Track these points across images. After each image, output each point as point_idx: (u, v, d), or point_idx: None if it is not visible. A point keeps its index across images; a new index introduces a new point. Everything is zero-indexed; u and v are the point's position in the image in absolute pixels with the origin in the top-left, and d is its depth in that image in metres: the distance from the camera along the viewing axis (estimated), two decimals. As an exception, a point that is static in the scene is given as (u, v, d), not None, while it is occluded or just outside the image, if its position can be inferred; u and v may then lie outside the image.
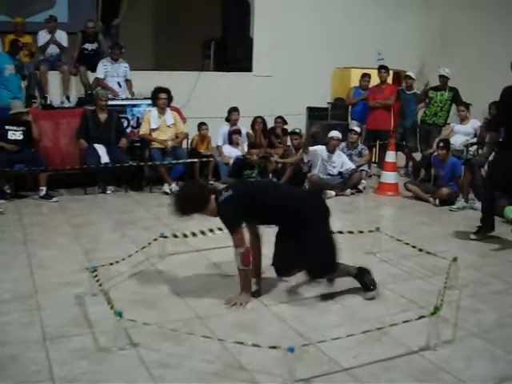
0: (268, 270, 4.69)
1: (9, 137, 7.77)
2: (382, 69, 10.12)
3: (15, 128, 7.80)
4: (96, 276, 4.41)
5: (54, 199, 7.73)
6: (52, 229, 6.52)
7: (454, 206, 7.58)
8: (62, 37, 9.47)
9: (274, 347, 3.34)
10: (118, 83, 9.29)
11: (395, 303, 4.52)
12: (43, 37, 9.30)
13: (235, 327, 4.01)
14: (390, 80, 10.67)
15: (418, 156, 9.76)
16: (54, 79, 9.34)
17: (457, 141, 8.72)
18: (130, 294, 4.58)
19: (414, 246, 5.35)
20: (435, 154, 8.26)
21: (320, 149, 8.59)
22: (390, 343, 3.80)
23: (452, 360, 3.60)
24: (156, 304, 4.42)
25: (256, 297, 4.53)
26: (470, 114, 9.04)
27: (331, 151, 8.54)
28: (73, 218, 6.93)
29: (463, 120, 8.96)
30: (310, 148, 8.49)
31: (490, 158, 6.50)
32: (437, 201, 7.85)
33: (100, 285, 4.34)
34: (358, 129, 9.37)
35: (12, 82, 8.57)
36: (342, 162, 8.58)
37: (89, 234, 6.33)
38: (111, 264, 4.91)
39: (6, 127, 7.78)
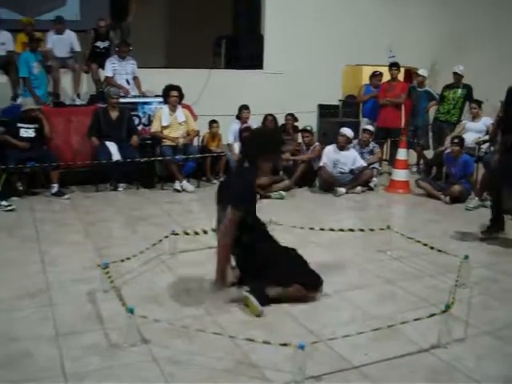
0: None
1: (21, 134, 7.81)
2: (393, 66, 10.08)
3: (27, 125, 7.85)
4: (107, 273, 4.43)
5: (66, 196, 7.77)
6: (64, 226, 6.56)
7: (471, 205, 7.52)
8: (71, 37, 9.49)
9: (284, 344, 3.34)
10: (127, 80, 9.32)
11: (406, 301, 4.51)
12: (51, 38, 9.31)
13: (246, 324, 4.02)
14: (401, 77, 10.63)
15: (429, 154, 9.73)
16: (65, 77, 9.38)
17: (469, 138, 8.67)
18: (142, 290, 4.60)
19: (425, 244, 5.34)
20: (448, 151, 8.23)
21: (328, 149, 8.59)
22: (400, 341, 3.80)
23: (463, 358, 3.59)
24: (167, 301, 4.44)
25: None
26: (482, 111, 9.00)
27: (341, 148, 8.53)
28: (84, 215, 6.96)
29: (475, 117, 8.91)
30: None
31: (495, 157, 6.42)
32: (447, 198, 7.82)
33: (111, 281, 4.35)
34: (371, 128, 9.35)
35: (40, 79, 8.67)
36: (353, 159, 8.56)
37: (100, 231, 6.36)
38: (122, 261, 4.93)
39: (18, 125, 7.83)
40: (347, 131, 8.61)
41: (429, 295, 4.58)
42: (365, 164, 8.61)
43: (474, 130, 8.81)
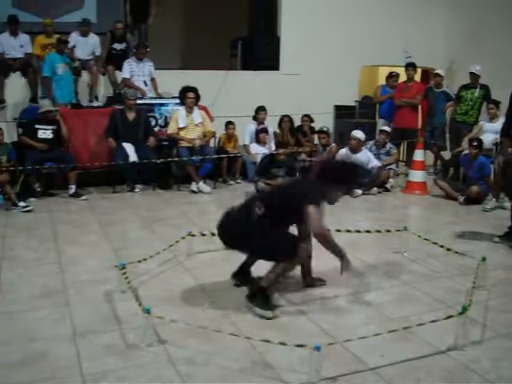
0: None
1: (39, 135, 7.89)
2: (410, 66, 10.02)
3: (45, 127, 7.92)
4: (124, 273, 4.46)
5: (83, 197, 7.83)
6: (81, 226, 6.61)
7: (488, 207, 7.47)
8: (95, 41, 9.57)
9: (300, 345, 3.35)
10: (144, 82, 9.36)
11: (423, 303, 4.49)
12: (74, 39, 9.38)
13: (262, 325, 4.02)
14: (418, 77, 10.58)
15: (446, 155, 9.67)
16: (82, 78, 9.44)
17: (486, 139, 8.61)
18: (158, 291, 4.62)
19: (442, 246, 5.32)
20: (465, 152, 8.17)
21: (343, 150, 8.58)
22: (417, 343, 3.78)
23: (480, 360, 3.57)
24: (183, 301, 4.45)
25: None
26: (500, 111, 8.92)
27: (354, 152, 8.50)
28: (101, 216, 7.01)
29: (493, 118, 8.85)
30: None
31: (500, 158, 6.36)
32: (462, 199, 7.75)
33: (128, 282, 4.39)
34: (388, 129, 9.31)
35: (65, 80, 8.76)
36: (367, 160, 8.54)
37: (117, 232, 6.40)
38: (139, 261, 4.97)
39: (36, 126, 7.91)
40: (359, 134, 8.59)
41: (445, 297, 4.56)
42: (379, 164, 8.57)
43: (492, 130, 8.74)
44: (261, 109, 9.43)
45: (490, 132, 8.76)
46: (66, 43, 8.86)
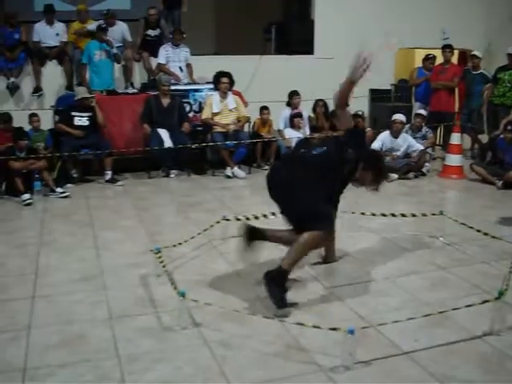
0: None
1: (75, 123, 7.99)
2: (447, 48, 9.86)
3: (81, 114, 8.02)
4: (160, 257, 4.52)
5: (119, 183, 7.92)
6: (117, 212, 6.69)
7: None
8: (123, 29, 9.60)
9: (334, 329, 3.35)
10: (180, 68, 9.38)
11: (458, 287, 4.44)
12: None
13: (296, 308, 4.03)
14: (455, 60, 10.40)
15: (484, 138, 9.52)
16: (117, 66, 9.52)
17: (525, 122, 8.46)
18: (193, 275, 4.66)
19: (478, 230, 5.25)
20: (501, 136, 8.03)
21: (383, 136, 8.47)
22: (452, 327, 3.75)
23: (517, 345, 3.53)
24: (218, 285, 4.49)
25: None
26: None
27: (395, 136, 8.41)
28: (137, 202, 7.09)
29: (532, 100, 8.68)
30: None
31: None
32: (500, 183, 7.62)
33: (164, 266, 4.44)
34: (424, 112, 9.19)
35: (101, 67, 8.88)
36: (407, 145, 8.44)
37: (153, 217, 6.47)
38: (174, 246, 5.02)
39: (72, 113, 8.01)
40: (402, 117, 8.49)
41: (481, 282, 4.50)
42: (422, 147, 8.46)
43: (531, 113, 8.58)
44: (295, 93, 9.38)
45: (529, 114, 8.59)
46: (105, 31, 8.93)
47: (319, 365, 3.32)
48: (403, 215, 5.83)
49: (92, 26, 9.29)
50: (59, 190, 7.26)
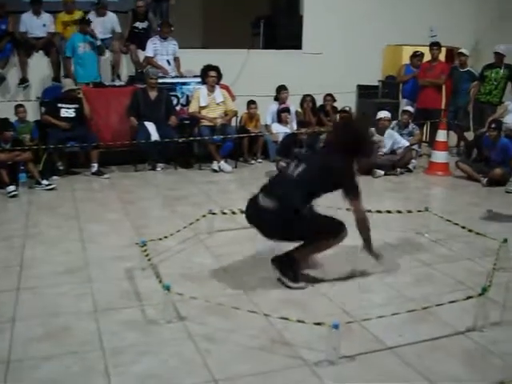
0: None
1: (61, 114, 7.95)
2: (434, 46, 9.90)
3: (67, 106, 7.98)
4: (145, 251, 4.50)
5: (106, 176, 7.89)
6: (103, 205, 6.68)
7: (511, 188, 7.40)
8: (113, 19, 9.55)
9: (318, 323, 3.36)
10: (168, 61, 9.35)
11: (443, 283, 4.47)
12: (91, 19, 9.36)
13: (281, 303, 4.04)
14: (442, 57, 10.44)
15: (470, 135, 9.57)
16: (104, 58, 9.46)
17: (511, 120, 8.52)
18: (178, 268, 4.66)
19: (463, 227, 5.28)
20: (487, 134, 8.07)
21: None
22: (436, 323, 3.77)
23: (499, 342, 3.54)
24: (203, 279, 4.49)
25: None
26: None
27: (381, 133, 8.43)
28: (123, 195, 7.07)
29: (518, 98, 8.74)
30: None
31: None
32: (485, 180, 7.67)
33: (149, 259, 4.43)
34: (411, 109, 9.22)
35: (86, 59, 8.82)
36: (393, 141, 8.47)
37: (139, 210, 6.46)
38: (160, 239, 5.00)
39: (59, 105, 7.96)
40: (387, 114, 8.51)
41: (466, 278, 4.53)
42: (407, 143, 8.49)
43: (518, 111, 8.64)
44: (283, 88, 9.39)
45: (515, 112, 8.65)
46: (88, 23, 8.87)
47: (304, 359, 3.33)
48: (389, 211, 5.86)
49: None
50: (45, 182, 7.22)
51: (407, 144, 8.48)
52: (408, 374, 3.21)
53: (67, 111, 7.97)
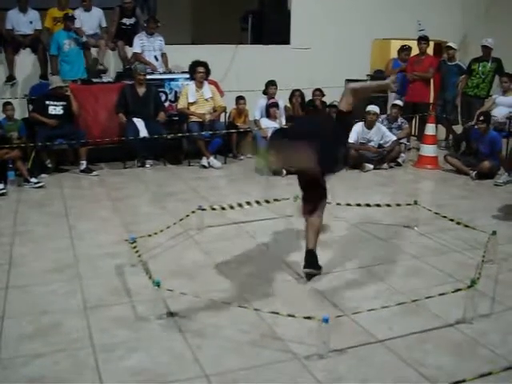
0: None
1: (49, 112, 7.90)
2: (422, 40, 9.90)
3: (55, 103, 7.93)
4: (135, 247, 4.50)
5: (94, 173, 7.86)
6: (92, 202, 6.66)
7: (500, 181, 7.42)
8: (99, 14, 9.49)
9: (308, 318, 3.37)
10: (155, 57, 9.31)
11: (432, 276, 4.50)
12: (78, 15, 9.29)
13: (271, 298, 4.05)
14: (430, 51, 10.46)
15: (458, 129, 9.60)
16: (91, 54, 9.41)
17: (499, 113, 8.55)
18: (168, 264, 4.66)
19: (452, 220, 5.30)
20: (475, 127, 8.10)
21: (358, 127, 8.48)
22: (425, 316, 3.80)
23: (488, 334, 3.58)
24: (193, 275, 4.49)
25: None
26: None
27: (369, 127, 8.43)
28: (112, 192, 7.05)
29: (506, 92, 8.76)
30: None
31: None
32: (474, 174, 7.70)
33: (139, 256, 4.43)
34: (400, 103, 9.24)
35: (73, 56, 8.76)
36: (381, 134, 8.47)
37: (128, 207, 6.44)
38: (150, 236, 5.00)
39: (47, 102, 7.91)
40: (376, 108, 8.51)
41: (455, 271, 4.56)
42: (395, 138, 8.50)
43: (506, 104, 8.67)
44: (271, 83, 9.37)
45: (503, 105, 8.69)
46: (72, 19, 8.82)
47: (294, 353, 3.34)
48: (378, 205, 5.88)
49: None
50: (33, 180, 7.19)
51: (395, 138, 8.49)
52: (398, 366, 3.23)
53: (55, 108, 7.92)
